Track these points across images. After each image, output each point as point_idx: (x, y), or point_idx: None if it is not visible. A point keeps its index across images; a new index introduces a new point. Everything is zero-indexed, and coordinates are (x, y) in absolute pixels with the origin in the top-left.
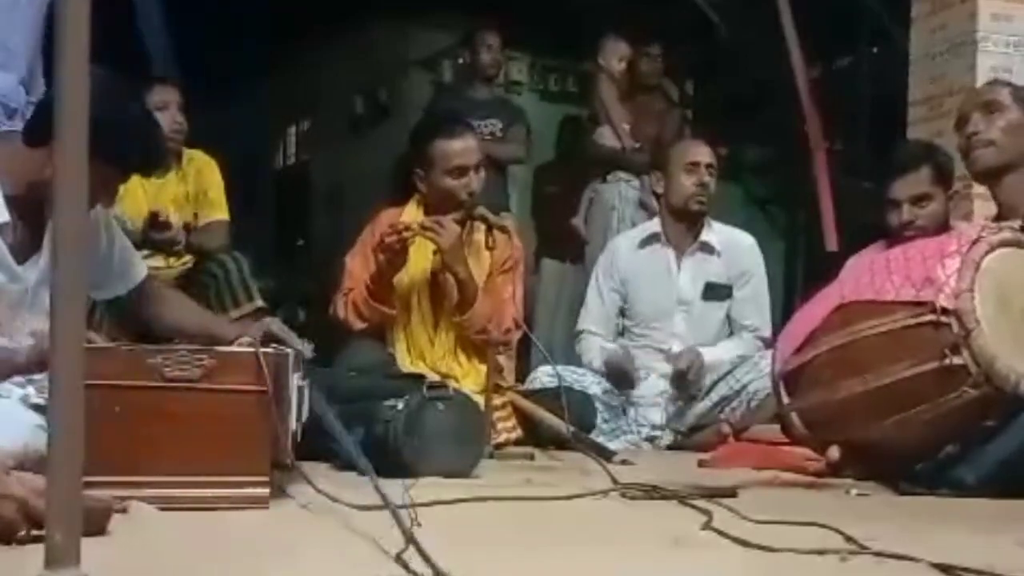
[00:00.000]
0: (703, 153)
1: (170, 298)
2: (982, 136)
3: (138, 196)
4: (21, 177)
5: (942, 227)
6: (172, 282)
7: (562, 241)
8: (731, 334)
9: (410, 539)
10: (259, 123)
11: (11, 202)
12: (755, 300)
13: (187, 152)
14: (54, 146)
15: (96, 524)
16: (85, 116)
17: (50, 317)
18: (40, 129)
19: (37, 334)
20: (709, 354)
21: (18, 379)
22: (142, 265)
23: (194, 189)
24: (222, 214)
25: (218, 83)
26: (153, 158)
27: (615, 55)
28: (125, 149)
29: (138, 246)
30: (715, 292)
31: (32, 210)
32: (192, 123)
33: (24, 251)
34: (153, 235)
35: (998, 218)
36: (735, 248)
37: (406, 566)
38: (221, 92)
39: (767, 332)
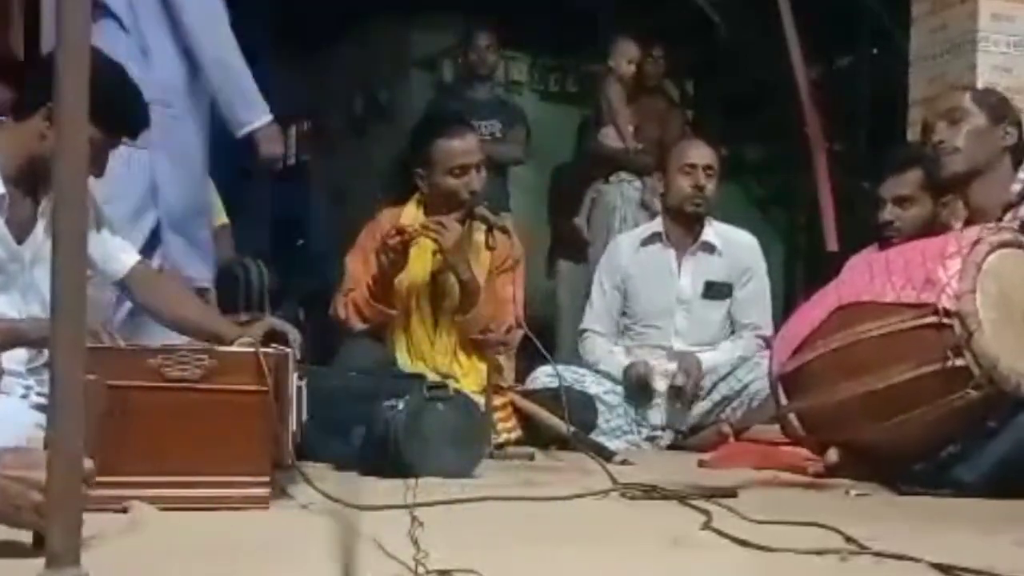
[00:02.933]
0: (700, 155)
1: (168, 289)
2: (948, 144)
3: None
4: (19, 153)
5: (923, 231)
6: None
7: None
8: (732, 333)
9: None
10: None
11: (11, 181)
12: (756, 299)
13: None
14: (54, 125)
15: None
16: (86, 91)
17: (50, 314)
18: (29, 100)
19: (38, 320)
20: (708, 359)
21: (19, 369)
22: (130, 255)
23: None
24: (221, 219)
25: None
26: (137, 118)
27: (625, 57)
28: (109, 110)
29: None
30: (715, 291)
31: (34, 187)
32: None
33: (24, 231)
34: None
35: (968, 223)
36: (736, 247)
37: (408, 566)
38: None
39: (768, 331)
